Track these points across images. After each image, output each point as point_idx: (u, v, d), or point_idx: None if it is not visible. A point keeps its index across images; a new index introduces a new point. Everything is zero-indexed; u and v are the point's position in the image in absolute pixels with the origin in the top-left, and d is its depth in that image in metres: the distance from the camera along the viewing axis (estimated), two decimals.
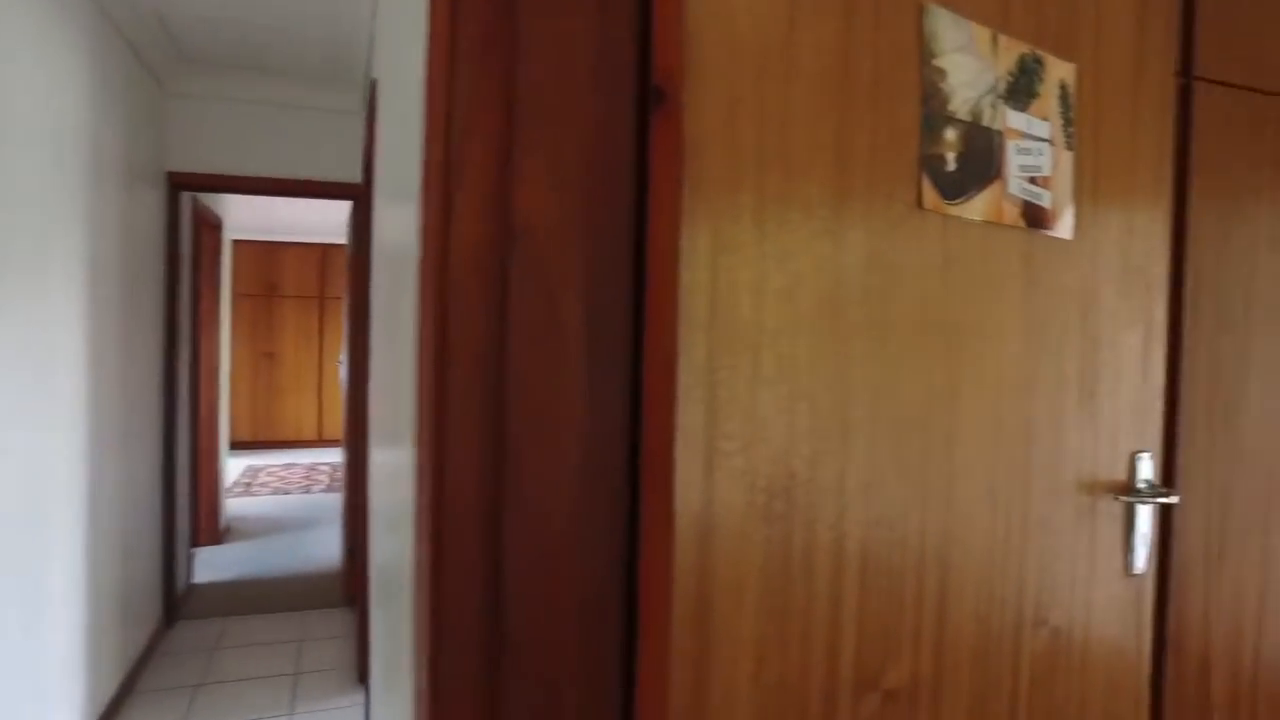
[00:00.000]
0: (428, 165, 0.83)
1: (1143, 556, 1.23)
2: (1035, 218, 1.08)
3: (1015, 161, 1.06)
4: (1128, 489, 1.20)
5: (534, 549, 0.81)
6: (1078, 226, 1.13)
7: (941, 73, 0.98)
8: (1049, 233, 1.10)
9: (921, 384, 0.97)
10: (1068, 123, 1.12)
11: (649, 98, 0.85)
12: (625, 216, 0.85)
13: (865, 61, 0.91)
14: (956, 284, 1.00)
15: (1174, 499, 1.20)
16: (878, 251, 0.92)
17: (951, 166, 0.99)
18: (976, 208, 1.01)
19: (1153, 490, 1.20)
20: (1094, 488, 1.17)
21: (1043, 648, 1.14)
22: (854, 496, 0.92)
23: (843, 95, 0.90)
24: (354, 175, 4.34)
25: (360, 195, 4.05)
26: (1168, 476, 1.32)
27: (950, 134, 0.99)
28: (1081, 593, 1.18)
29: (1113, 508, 1.19)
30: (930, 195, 0.97)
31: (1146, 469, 1.22)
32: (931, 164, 0.97)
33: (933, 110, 0.98)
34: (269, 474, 8.28)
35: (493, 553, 0.80)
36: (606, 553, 0.85)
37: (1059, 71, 1.11)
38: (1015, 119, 1.06)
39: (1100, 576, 1.20)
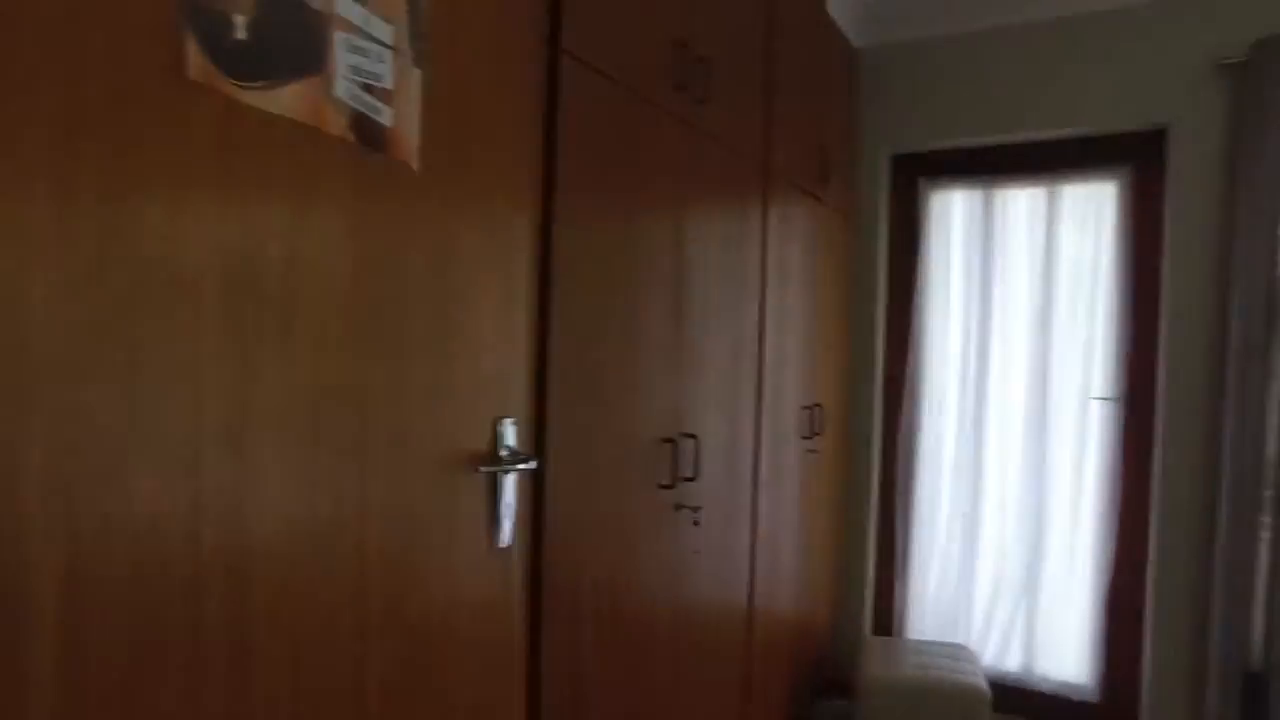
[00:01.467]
0: None
1: (508, 528, 1.16)
2: (371, 136, 0.89)
3: (344, 60, 0.85)
4: (491, 458, 1.11)
5: None
6: (429, 159, 0.98)
7: None
8: (391, 158, 0.92)
9: (172, 344, 0.68)
10: (418, 36, 0.96)
11: None
12: None
13: None
14: (245, 200, 0.74)
15: (533, 465, 1.15)
16: (92, 124, 0.61)
17: (242, 35, 0.73)
18: (284, 100, 0.77)
19: (515, 457, 1.13)
20: (453, 460, 1.04)
21: (397, 648, 0.97)
22: (49, 496, 0.58)
23: None
24: None
25: None
26: (540, 443, 1.29)
27: None
28: (442, 576, 1.04)
29: (475, 480, 1.09)
30: (201, 64, 0.69)
31: (511, 436, 1.15)
32: (205, 21, 0.69)
33: None
34: None
35: None
36: None
37: None
38: (347, 7, 0.85)
39: (464, 555, 1.08)
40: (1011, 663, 2.73)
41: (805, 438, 2.39)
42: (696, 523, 1.77)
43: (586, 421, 1.40)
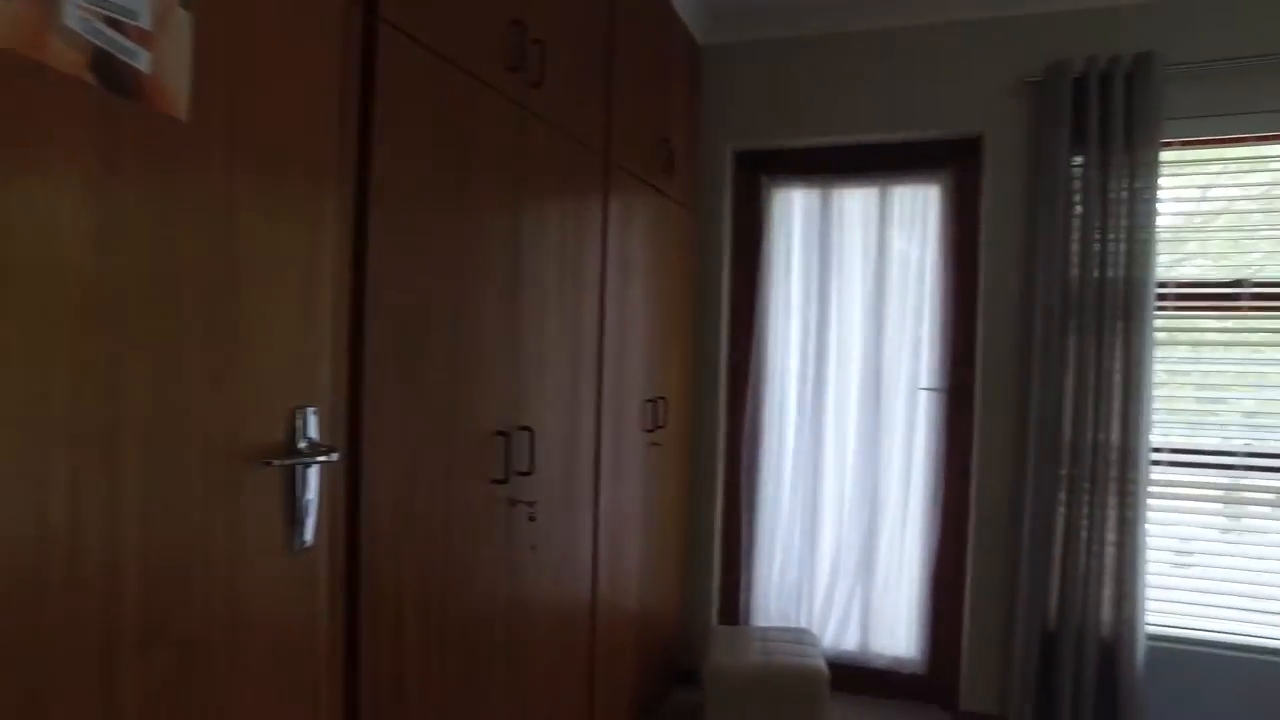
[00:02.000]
0: None
1: (311, 526, 1.06)
2: (120, 81, 0.77)
3: None
4: (288, 451, 1.01)
5: None
6: (205, 116, 0.87)
7: None
8: (150, 108, 0.80)
9: None
10: None
11: None
12: None
13: None
14: None
15: (334, 457, 1.06)
16: None
17: None
18: None
19: (316, 449, 1.04)
20: (238, 453, 0.93)
21: (167, 666, 0.86)
22: None
23: None
24: None
25: None
26: (354, 435, 1.19)
27: None
28: (225, 581, 0.93)
29: (267, 474, 0.98)
30: None
31: (313, 426, 1.05)
32: None
33: None
34: None
35: None
36: None
37: None
38: None
39: (255, 558, 0.97)
40: (850, 642, 2.86)
41: (648, 430, 2.39)
42: (533, 518, 1.71)
43: (409, 412, 1.31)
